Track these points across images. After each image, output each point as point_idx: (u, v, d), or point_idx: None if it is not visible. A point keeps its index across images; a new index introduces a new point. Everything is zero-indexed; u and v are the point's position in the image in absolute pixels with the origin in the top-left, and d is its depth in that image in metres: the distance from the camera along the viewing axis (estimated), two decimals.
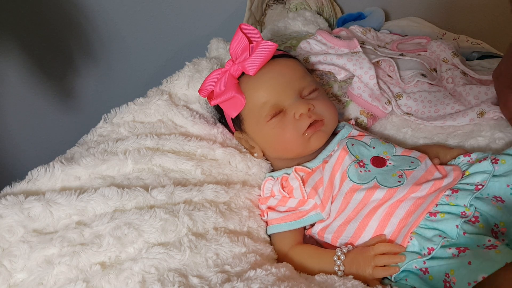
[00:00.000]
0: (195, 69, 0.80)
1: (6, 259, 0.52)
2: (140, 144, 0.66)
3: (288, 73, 0.69)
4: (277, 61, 0.70)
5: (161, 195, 0.59)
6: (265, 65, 0.68)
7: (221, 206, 0.63)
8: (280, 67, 0.69)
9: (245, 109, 0.69)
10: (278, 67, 0.69)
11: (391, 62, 0.87)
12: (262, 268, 0.55)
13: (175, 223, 0.56)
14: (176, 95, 0.78)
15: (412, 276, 0.56)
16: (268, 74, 0.68)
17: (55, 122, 1.18)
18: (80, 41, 1.11)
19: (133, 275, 0.51)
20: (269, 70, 0.68)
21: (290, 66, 0.70)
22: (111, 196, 0.57)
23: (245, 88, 0.69)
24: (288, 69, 0.70)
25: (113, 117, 0.73)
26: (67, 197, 0.56)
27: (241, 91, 0.68)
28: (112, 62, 1.17)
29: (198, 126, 0.72)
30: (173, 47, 1.16)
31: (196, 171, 0.66)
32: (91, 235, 0.55)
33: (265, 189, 0.70)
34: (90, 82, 1.17)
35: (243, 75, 0.70)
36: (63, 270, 0.52)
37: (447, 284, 0.52)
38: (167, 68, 0.85)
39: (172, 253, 0.54)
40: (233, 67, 0.69)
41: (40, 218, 0.55)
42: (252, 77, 0.68)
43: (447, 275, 0.52)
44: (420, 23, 1.12)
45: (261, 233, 0.66)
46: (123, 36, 1.14)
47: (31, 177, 0.60)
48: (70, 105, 1.18)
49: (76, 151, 0.67)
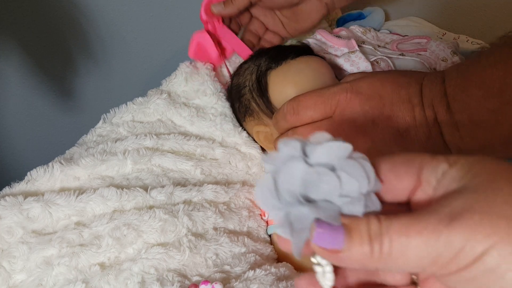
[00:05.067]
0: (192, 65, 0.79)
1: (5, 260, 0.52)
2: (140, 144, 0.66)
3: (327, 72, 0.70)
4: (314, 58, 0.71)
5: (161, 196, 0.59)
6: (306, 59, 0.69)
7: (221, 206, 0.62)
8: (318, 65, 0.70)
9: (282, 102, 0.63)
10: (316, 64, 0.70)
11: (388, 62, 0.87)
12: (261, 268, 0.54)
13: (175, 224, 0.56)
14: (176, 93, 0.78)
15: None
16: (310, 67, 0.68)
17: (54, 122, 1.18)
18: (80, 41, 1.11)
19: (133, 276, 0.51)
20: (310, 64, 0.69)
21: (326, 65, 0.72)
22: (110, 197, 0.57)
23: (285, 78, 0.69)
24: (325, 68, 0.70)
25: (112, 117, 0.73)
26: (66, 197, 0.56)
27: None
28: (111, 62, 1.17)
29: (197, 125, 0.72)
30: (173, 47, 1.16)
31: (195, 171, 0.66)
32: (90, 235, 0.54)
33: None
34: (90, 82, 1.17)
35: (278, 67, 0.70)
36: (62, 271, 0.52)
37: None
38: (167, 68, 0.84)
39: (171, 253, 0.54)
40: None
41: (39, 219, 0.55)
42: (293, 68, 0.68)
43: None
44: (420, 23, 1.12)
45: (261, 233, 0.66)
46: (123, 36, 1.14)
47: (30, 177, 0.60)
48: (69, 105, 1.18)
49: (75, 151, 0.67)
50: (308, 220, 0.22)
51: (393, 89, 0.50)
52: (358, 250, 0.22)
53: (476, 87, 0.45)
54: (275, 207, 0.24)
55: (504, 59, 0.44)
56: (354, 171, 0.23)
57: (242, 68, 0.76)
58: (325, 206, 0.23)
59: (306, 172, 0.23)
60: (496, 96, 0.43)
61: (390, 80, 0.52)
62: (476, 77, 0.46)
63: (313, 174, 0.23)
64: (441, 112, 0.48)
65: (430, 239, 0.21)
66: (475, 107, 0.45)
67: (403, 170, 0.25)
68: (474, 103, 0.45)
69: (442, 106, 0.47)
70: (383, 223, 0.22)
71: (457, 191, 0.22)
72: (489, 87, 0.44)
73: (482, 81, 0.45)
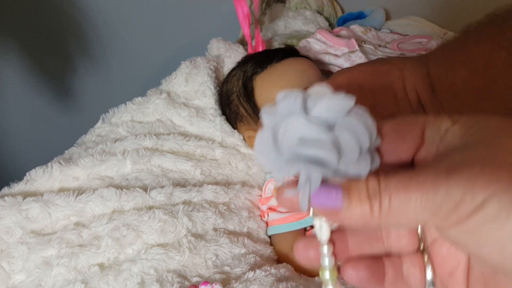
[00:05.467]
0: (192, 65, 0.79)
1: (4, 260, 0.52)
2: (139, 144, 0.66)
3: (313, 73, 0.70)
4: (298, 60, 0.71)
5: (160, 196, 0.59)
6: (291, 61, 0.70)
7: (221, 206, 0.62)
8: (303, 66, 0.70)
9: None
10: (300, 66, 0.70)
11: None
12: (261, 269, 0.54)
13: (174, 224, 0.56)
14: (176, 93, 0.78)
15: None
16: (295, 70, 0.69)
17: (53, 122, 1.18)
18: (79, 41, 1.11)
19: (132, 276, 0.51)
20: (294, 66, 0.69)
21: (311, 65, 0.72)
22: (110, 197, 0.57)
23: (271, 82, 0.69)
24: (311, 68, 0.71)
25: (112, 117, 0.73)
26: (65, 198, 0.56)
27: None
28: (111, 62, 1.16)
29: (196, 125, 0.72)
30: (173, 47, 1.16)
31: (195, 172, 0.65)
32: (90, 236, 0.54)
33: (267, 189, 0.69)
34: (89, 82, 1.16)
35: (263, 71, 0.70)
36: (62, 272, 0.52)
37: None
38: (167, 68, 0.84)
39: (171, 254, 0.53)
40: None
41: (38, 219, 0.55)
42: (278, 72, 0.68)
43: None
44: (421, 22, 1.12)
45: (261, 234, 0.65)
46: (123, 36, 1.14)
47: (29, 177, 0.60)
48: (68, 105, 1.17)
49: (74, 151, 0.67)
50: (309, 178, 0.22)
51: (373, 78, 0.50)
52: (358, 209, 0.22)
53: (461, 65, 0.44)
54: (276, 163, 0.23)
55: (490, 36, 0.43)
56: (356, 126, 0.22)
57: (230, 75, 0.77)
58: (325, 162, 0.22)
59: (306, 128, 0.22)
60: (481, 74, 0.43)
61: (370, 70, 0.51)
62: (461, 55, 0.45)
63: (314, 130, 0.22)
64: (424, 94, 0.47)
65: (429, 193, 0.20)
66: (460, 86, 0.44)
67: (406, 129, 0.24)
68: (459, 82, 0.44)
69: (425, 89, 0.47)
70: (381, 181, 0.22)
71: (459, 146, 0.22)
72: (474, 65, 0.43)
73: (467, 59, 0.44)
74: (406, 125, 0.25)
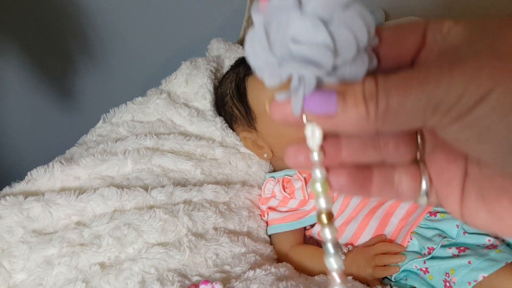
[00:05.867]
0: (192, 66, 0.79)
1: (5, 259, 0.53)
2: (140, 144, 0.66)
3: None
4: None
5: (161, 195, 0.59)
6: None
7: (221, 206, 0.62)
8: None
9: (260, 106, 0.68)
10: None
11: None
12: (261, 268, 0.55)
13: (175, 223, 0.56)
14: (176, 94, 0.78)
15: (412, 275, 0.56)
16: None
17: (54, 122, 1.18)
18: (80, 41, 1.11)
19: (133, 275, 0.51)
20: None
21: None
22: (111, 197, 0.57)
23: (260, 84, 0.68)
24: None
25: (112, 117, 0.73)
26: (66, 197, 0.56)
27: None
28: (111, 62, 1.17)
29: (196, 125, 0.72)
30: (173, 47, 1.16)
31: (195, 171, 0.66)
32: (91, 235, 0.55)
33: (266, 189, 0.69)
34: (90, 82, 1.17)
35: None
36: (63, 271, 0.52)
37: (447, 284, 0.52)
38: (167, 68, 0.84)
39: (171, 253, 0.54)
40: None
41: (40, 219, 0.55)
42: None
43: (447, 275, 0.52)
44: None
45: (261, 233, 0.66)
46: (123, 36, 1.14)
47: (30, 177, 0.60)
48: (69, 105, 1.17)
49: (75, 151, 0.67)
50: (302, 79, 0.20)
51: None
52: (353, 113, 0.20)
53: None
54: (268, 64, 0.21)
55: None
56: (353, 21, 0.21)
57: (224, 78, 0.77)
58: (320, 62, 0.20)
59: (300, 24, 0.20)
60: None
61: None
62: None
63: (308, 26, 0.20)
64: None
65: (430, 87, 0.19)
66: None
67: (407, 30, 0.23)
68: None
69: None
70: (380, 81, 0.20)
71: (463, 43, 0.21)
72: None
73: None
74: (407, 27, 0.23)
